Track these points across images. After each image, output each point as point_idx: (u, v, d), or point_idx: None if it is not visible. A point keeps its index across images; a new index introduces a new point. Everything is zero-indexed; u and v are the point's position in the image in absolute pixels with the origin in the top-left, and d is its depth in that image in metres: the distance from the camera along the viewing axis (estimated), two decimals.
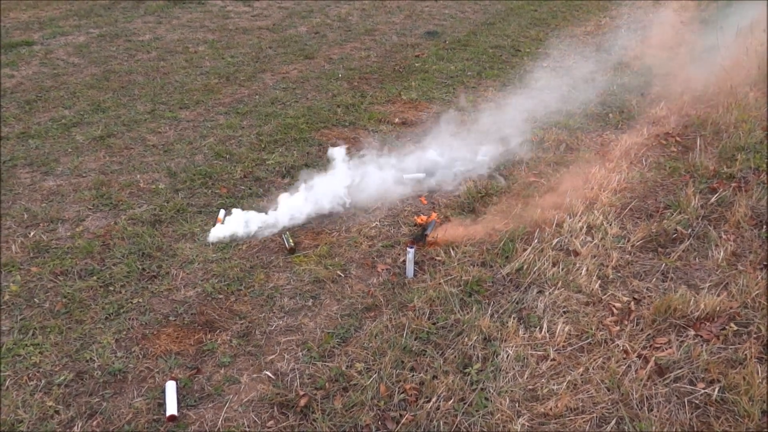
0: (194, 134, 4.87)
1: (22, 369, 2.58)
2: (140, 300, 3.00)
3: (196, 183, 4.10)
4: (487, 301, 2.99)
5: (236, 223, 3.54)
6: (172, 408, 2.37)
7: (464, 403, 2.42)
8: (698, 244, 3.42)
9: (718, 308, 2.88)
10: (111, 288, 3.08)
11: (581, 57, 7.01)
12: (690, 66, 6.35)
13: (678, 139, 4.77)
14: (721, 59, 6.13)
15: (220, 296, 3.04)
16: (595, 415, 2.38)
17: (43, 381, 2.52)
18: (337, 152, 4.24)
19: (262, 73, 6.44)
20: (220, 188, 4.03)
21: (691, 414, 2.39)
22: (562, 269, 3.18)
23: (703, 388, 2.48)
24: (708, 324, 2.81)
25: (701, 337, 2.75)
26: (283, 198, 3.82)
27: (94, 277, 3.15)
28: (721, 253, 3.30)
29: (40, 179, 4.13)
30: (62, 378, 2.53)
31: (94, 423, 2.34)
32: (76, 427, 2.32)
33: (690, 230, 3.53)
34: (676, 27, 8.11)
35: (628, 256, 3.34)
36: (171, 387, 2.45)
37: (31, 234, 3.51)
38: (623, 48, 7.24)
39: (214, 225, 3.58)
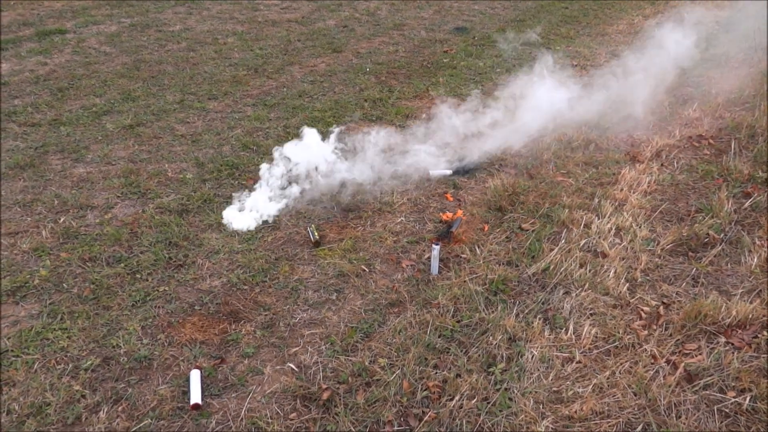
0: (222, 125, 4.90)
1: (50, 352, 2.62)
2: (166, 288, 3.03)
3: (223, 174, 4.12)
4: (512, 300, 2.96)
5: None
6: (196, 396, 2.38)
7: (488, 403, 2.39)
8: (731, 250, 3.34)
9: (750, 315, 2.81)
10: (138, 275, 3.11)
11: (612, 55, 6.90)
12: (724, 68, 6.22)
13: (711, 141, 4.66)
14: (757, 60, 5.99)
15: (245, 287, 3.06)
16: (621, 419, 2.34)
17: (70, 365, 2.56)
18: None
19: (290, 65, 6.45)
20: (247, 179, 4.05)
21: (721, 422, 2.34)
22: (590, 271, 3.13)
23: (734, 397, 2.42)
24: (740, 331, 2.75)
25: (732, 344, 2.68)
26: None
27: (122, 265, 3.18)
28: (755, 260, 3.22)
29: (70, 166, 4.19)
30: (89, 363, 2.56)
31: (119, 408, 2.37)
32: (101, 411, 2.35)
33: (722, 235, 3.45)
34: (709, 27, 7.93)
35: (657, 259, 3.27)
36: (195, 375, 2.47)
37: (61, 220, 3.56)
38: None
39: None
